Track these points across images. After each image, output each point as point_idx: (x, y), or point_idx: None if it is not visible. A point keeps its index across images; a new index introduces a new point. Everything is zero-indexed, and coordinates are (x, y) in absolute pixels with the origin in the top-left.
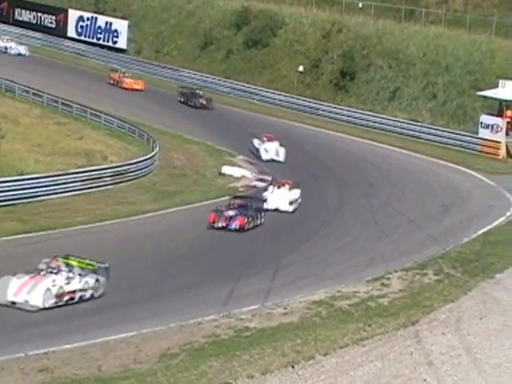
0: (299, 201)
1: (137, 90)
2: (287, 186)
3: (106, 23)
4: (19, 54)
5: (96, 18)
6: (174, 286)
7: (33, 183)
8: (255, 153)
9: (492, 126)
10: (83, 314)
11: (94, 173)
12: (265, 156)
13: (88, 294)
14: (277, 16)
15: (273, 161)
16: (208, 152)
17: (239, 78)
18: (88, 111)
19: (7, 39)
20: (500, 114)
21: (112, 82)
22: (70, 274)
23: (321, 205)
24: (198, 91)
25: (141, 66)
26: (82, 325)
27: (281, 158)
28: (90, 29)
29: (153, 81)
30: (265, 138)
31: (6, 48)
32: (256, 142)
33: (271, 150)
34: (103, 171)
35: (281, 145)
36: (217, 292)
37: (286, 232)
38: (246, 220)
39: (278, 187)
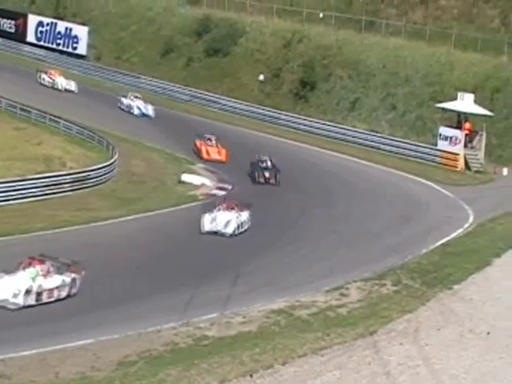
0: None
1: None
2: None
3: (66, 29)
4: None
5: (56, 24)
6: (133, 293)
7: None
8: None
9: (451, 138)
10: (42, 320)
11: (53, 179)
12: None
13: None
14: (237, 24)
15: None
16: (168, 159)
17: (199, 86)
18: (47, 117)
19: None
20: (459, 126)
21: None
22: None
23: (280, 214)
24: None
25: (100, 72)
26: (41, 331)
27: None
28: (50, 34)
29: (113, 88)
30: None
31: None
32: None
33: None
34: (62, 177)
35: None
36: (176, 300)
37: (245, 240)
38: None
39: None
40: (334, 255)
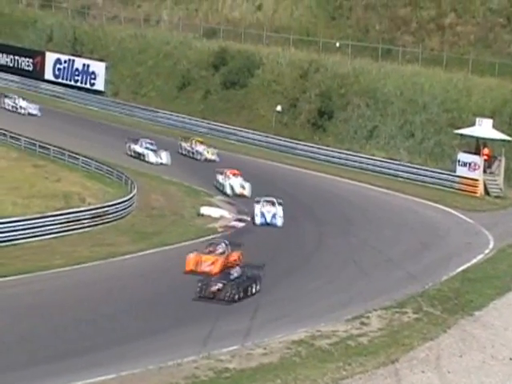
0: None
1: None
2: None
3: (84, 65)
4: None
5: (73, 61)
6: (153, 327)
7: (10, 227)
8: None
9: (469, 164)
10: (64, 354)
11: (71, 215)
12: (229, 191)
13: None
14: (254, 56)
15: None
16: (186, 192)
17: (217, 119)
18: (66, 153)
19: None
20: (477, 152)
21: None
22: None
23: (299, 244)
24: None
25: (119, 107)
26: (62, 367)
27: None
28: (68, 71)
29: (132, 123)
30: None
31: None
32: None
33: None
34: (81, 213)
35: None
36: (196, 333)
37: (264, 271)
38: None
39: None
40: (353, 285)
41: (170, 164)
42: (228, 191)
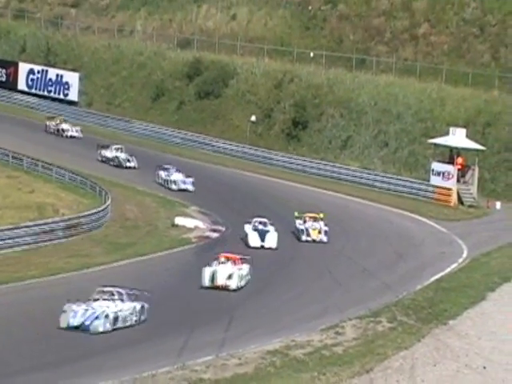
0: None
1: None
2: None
3: (57, 76)
4: None
5: (47, 71)
6: (127, 338)
7: None
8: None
9: (443, 174)
10: (35, 368)
11: (45, 226)
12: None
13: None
14: (228, 66)
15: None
16: (160, 203)
17: (191, 129)
18: (39, 164)
19: None
20: (451, 162)
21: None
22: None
23: (273, 255)
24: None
25: (93, 118)
26: (35, 380)
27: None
28: (41, 82)
29: (106, 133)
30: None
31: None
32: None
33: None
34: (55, 224)
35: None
36: (170, 344)
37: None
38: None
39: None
40: (328, 295)
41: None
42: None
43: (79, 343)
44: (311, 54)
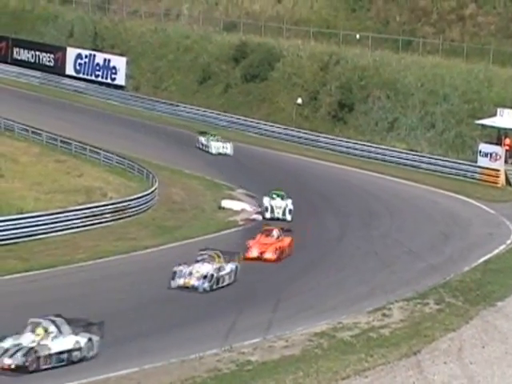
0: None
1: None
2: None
3: (105, 60)
4: None
5: (94, 56)
6: (175, 320)
7: (33, 221)
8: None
9: (491, 155)
10: None
11: (93, 210)
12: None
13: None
14: (274, 49)
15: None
16: (207, 186)
17: (237, 112)
18: (87, 148)
19: None
20: (499, 143)
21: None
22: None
23: (321, 236)
24: None
25: (140, 102)
26: (83, 362)
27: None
28: (89, 66)
29: (153, 117)
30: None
31: None
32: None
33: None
34: (103, 208)
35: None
36: (218, 326)
37: (285, 264)
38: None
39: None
40: (375, 277)
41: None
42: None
43: (128, 325)
44: (357, 36)
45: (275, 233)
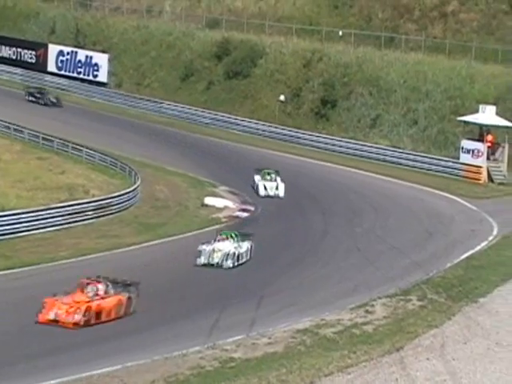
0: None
1: None
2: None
3: (87, 57)
4: None
5: (76, 52)
6: (158, 318)
7: (15, 219)
8: None
9: (473, 151)
10: (66, 347)
11: (76, 207)
12: None
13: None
14: (257, 46)
15: None
16: (190, 183)
17: (220, 109)
18: (69, 145)
19: None
20: (481, 139)
21: None
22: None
23: (304, 233)
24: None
25: (122, 99)
26: (66, 359)
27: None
28: (71, 63)
29: (136, 114)
30: None
31: None
32: None
33: None
34: (85, 205)
35: None
36: (201, 323)
37: (268, 261)
38: None
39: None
40: (358, 273)
41: None
42: None
43: (111, 322)
44: (340, 33)
45: (93, 289)
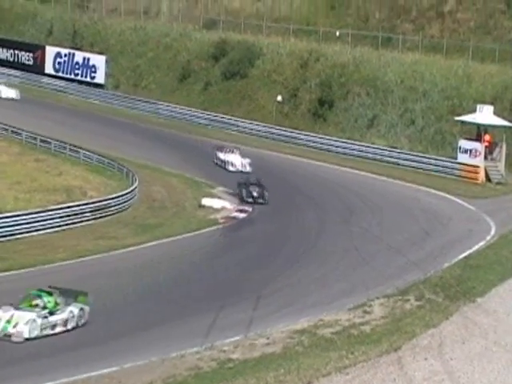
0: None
1: None
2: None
3: (84, 59)
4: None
5: (73, 54)
6: (156, 319)
7: (12, 221)
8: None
9: (470, 151)
10: (65, 349)
11: (73, 209)
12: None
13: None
14: (254, 46)
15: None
16: (187, 184)
17: (218, 110)
18: (67, 147)
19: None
20: (478, 139)
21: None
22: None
23: (301, 233)
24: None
25: (120, 100)
26: (65, 360)
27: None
28: (68, 65)
29: (134, 115)
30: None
31: None
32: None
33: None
34: (83, 207)
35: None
36: (199, 324)
37: (266, 261)
38: None
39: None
40: (355, 273)
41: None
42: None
43: (108, 324)
44: (337, 33)
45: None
